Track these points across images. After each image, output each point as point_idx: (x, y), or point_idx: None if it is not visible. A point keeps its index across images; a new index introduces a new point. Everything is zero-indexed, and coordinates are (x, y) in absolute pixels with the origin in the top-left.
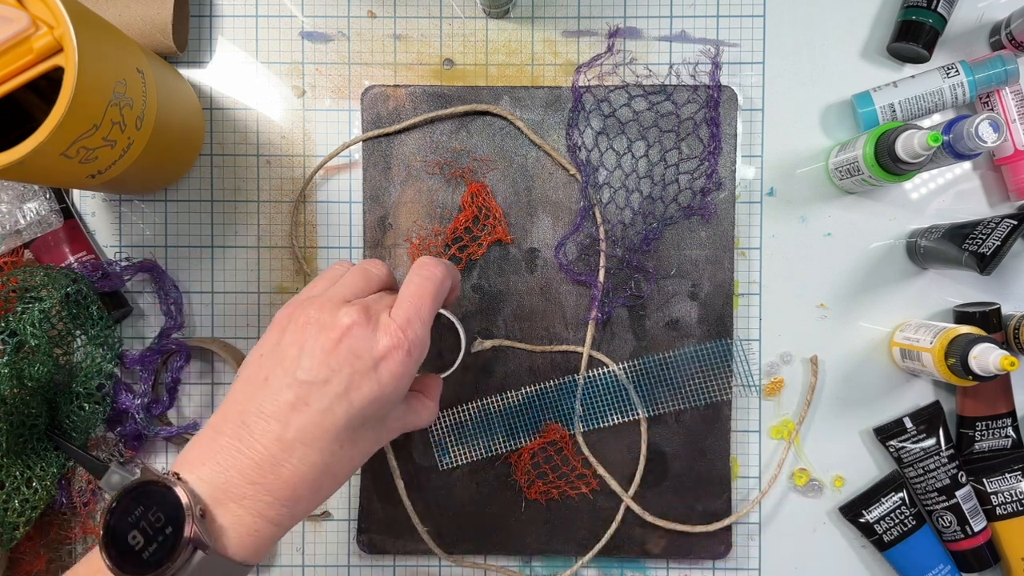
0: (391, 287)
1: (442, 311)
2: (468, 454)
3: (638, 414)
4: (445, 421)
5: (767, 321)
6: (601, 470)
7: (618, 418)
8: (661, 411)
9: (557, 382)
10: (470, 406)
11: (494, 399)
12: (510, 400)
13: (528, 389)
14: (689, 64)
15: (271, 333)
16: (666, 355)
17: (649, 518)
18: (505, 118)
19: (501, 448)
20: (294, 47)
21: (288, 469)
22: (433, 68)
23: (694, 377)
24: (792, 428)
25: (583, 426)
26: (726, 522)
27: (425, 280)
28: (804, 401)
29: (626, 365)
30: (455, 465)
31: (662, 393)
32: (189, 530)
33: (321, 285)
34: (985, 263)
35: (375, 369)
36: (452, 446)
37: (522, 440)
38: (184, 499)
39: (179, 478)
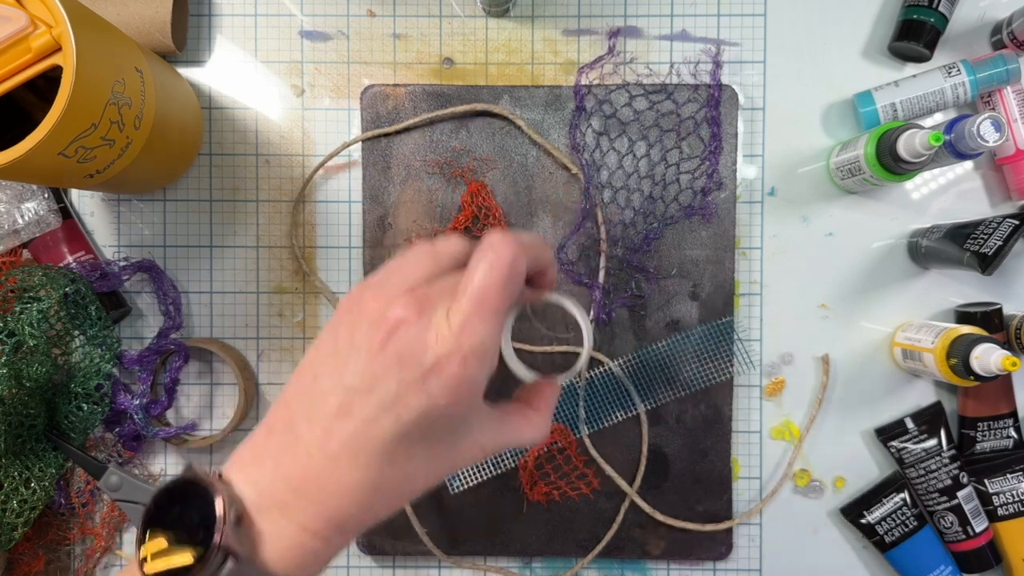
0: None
1: (551, 296)
2: (476, 475)
3: (640, 408)
4: None
5: (768, 321)
6: (610, 470)
7: (621, 414)
8: (663, 401)
9: None
10: None
11: None
12: None
13: None
14: (690, 63)
15: (331, 322)
16: (663, 343)
17: (650, 511)
18: (505, 118)
19: (508, 463)
20: (293, 46)
21: (333, 481)
22: (433, 67)
23: (692, 363)
24: (794, 429)
25: (587, 427)
26: (726, 524)
27: (491, 268)
28: (816, 400)
29: (623, 360)
30: (464, 488)
31: (661, 383)
32: (219, 536)
33: (393, 267)
34: (987, 263)
35: (424, 381)
36: None
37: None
38: (219, 504)
39: (221, 478)
